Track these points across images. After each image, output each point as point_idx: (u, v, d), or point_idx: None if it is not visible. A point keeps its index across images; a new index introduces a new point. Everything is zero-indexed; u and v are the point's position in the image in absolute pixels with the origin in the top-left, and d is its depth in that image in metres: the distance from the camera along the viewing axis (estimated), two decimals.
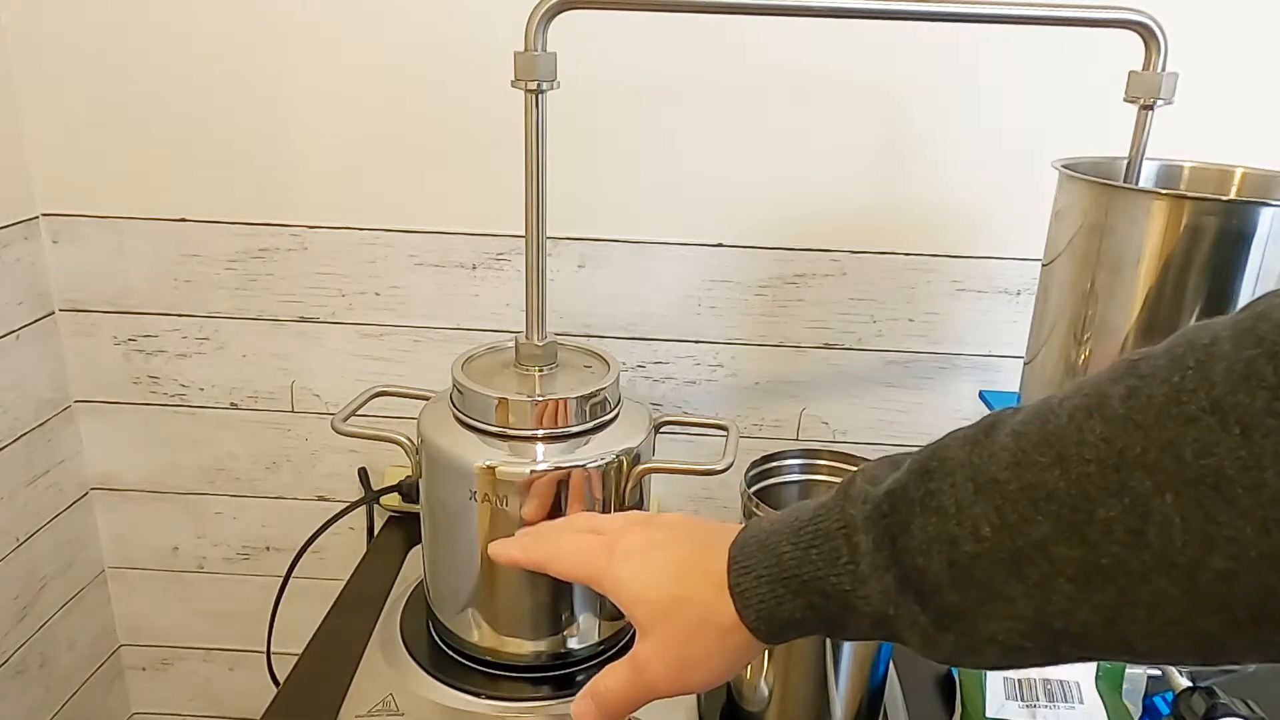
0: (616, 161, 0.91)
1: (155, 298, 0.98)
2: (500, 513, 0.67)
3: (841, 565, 0.36)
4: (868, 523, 0.35)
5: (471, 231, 0.94)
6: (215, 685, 1.17)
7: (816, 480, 0.72)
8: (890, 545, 0.34)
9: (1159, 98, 0.66)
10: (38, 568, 1.01)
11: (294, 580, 0.95)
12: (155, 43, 0.89)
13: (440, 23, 0.87)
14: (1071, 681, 0.70)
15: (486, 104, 0.88)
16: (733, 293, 0.95)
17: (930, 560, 0.33)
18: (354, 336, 0.99)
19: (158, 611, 1.13)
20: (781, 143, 0.89)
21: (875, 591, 0.35)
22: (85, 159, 0.93)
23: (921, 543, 0.33)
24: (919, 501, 0.33)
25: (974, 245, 0.92)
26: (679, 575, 0.41)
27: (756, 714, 0.69)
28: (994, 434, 0.33)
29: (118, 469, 1.06)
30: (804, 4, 0.68)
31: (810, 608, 0.37)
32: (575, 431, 0.69)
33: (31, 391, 0.97)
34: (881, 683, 0.69)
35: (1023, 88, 0.86)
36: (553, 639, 0.72)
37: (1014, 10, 0.64)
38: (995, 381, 0.96)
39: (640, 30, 0.86)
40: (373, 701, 0.69)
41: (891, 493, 0.35)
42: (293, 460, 1.05)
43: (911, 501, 0.34)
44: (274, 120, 0.91)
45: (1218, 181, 0.76)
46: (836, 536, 0.36)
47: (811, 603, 0.37)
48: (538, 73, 0.62)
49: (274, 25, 0.88)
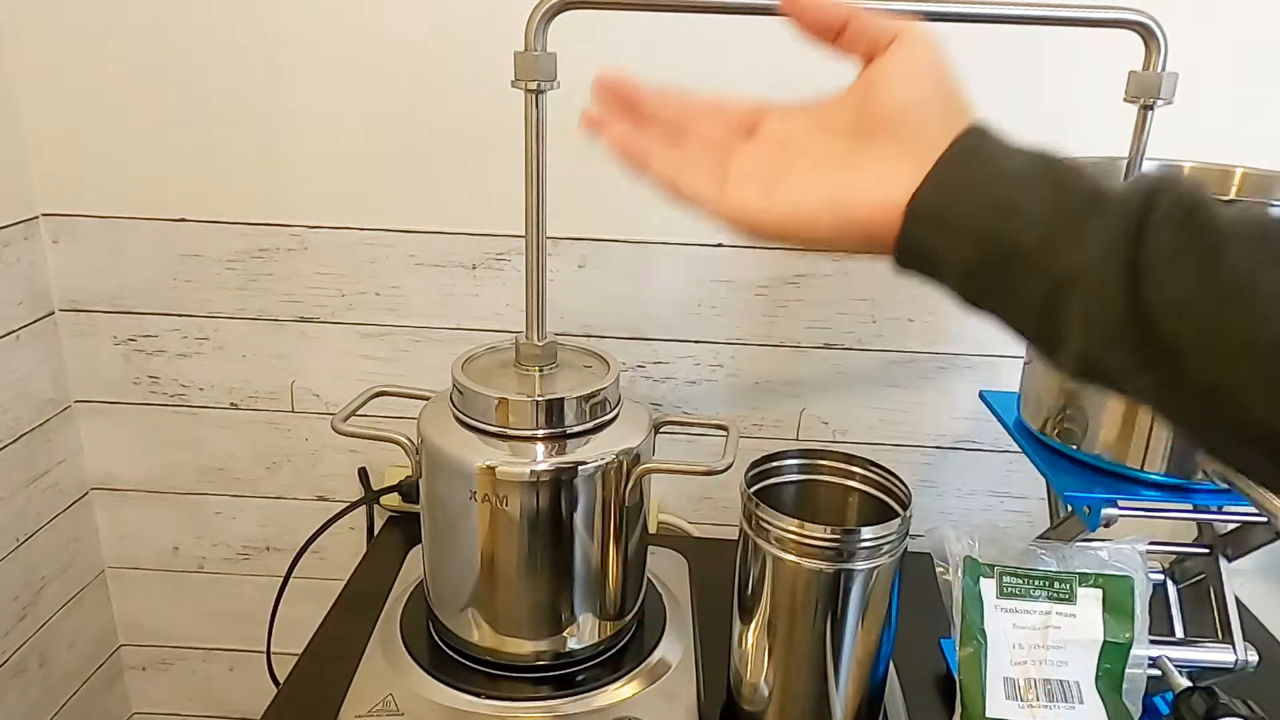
0: (616, 161, 0.91)
1: (155, 298, 0.98)
2: (500, 513, 0.67)
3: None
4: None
5: (471, 231, 0.94)
6: (215, 685, 1.17)
7: (817, 480, 0.72)
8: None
9: (1159, 98, 0.66)
10: (38, 568, 1.01)
11: (294, 580, 0.95)
12: (155, 43, 0.89)
13: (440, 23, 0.87)
14: (1071, 682, 0.70)
15: (486, 104, 0.88)
16: (733, 293, 0.95)
17: (1178, 201, 0.32)
18: (354, 336, 0.99)
19: (158, 611, 1.13)
20: None
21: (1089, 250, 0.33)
22: (85, 159, 0.93)
23: (1176, 191, 0.32)
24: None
25: None
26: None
27: (756, 714, 0.69)
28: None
29: (118, 469, 1.06)
30: None
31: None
32: (575, 431, 0.69)
33: (31, 391, 0.97)
34: (881, 682, 0.69)
35: (1023, 88, 0.86)
36: (553, 639, 0.72)
37: (1014, 10, 0.64)
38: (995, 381, 0.96)
39: (640, 30, 0.86)
40: (373, 701, 0.69)
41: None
42: (293, 460, 1.05)
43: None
44: (274, 120, 0.91)
45: (1218, 181, 0.76)
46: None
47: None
48: (538, 73, 0.62)
49: (274, 25, 0.88)
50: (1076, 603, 0.71)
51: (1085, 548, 0.73)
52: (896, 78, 0.39)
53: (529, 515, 0.68)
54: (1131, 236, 0.32)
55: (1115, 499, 0.65)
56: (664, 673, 0.74)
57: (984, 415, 0.84)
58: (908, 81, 0.38)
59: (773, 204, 0.38)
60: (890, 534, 0.62)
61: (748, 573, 0.66)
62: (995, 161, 0.36)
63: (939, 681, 0.78)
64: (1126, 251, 0.32)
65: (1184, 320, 0.31)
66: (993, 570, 0.73)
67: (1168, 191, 0.32)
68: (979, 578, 0.72)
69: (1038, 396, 0.73)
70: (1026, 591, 0.72)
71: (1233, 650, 0.72)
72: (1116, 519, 0.65)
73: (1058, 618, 0.71)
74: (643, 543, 0.76)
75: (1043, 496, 0.90)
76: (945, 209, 0.35)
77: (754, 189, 0.39)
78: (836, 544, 0.62)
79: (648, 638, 0.78)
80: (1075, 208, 0.33)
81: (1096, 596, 0.71)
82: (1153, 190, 0.33)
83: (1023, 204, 0.34)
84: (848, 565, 0.62)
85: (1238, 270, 0.30)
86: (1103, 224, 0.32)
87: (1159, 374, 0.32)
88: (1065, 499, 0.68)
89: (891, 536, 0.62)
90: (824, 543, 0.62)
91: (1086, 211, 0.33)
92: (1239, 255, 0.30)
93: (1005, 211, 0.34)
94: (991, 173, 0.35)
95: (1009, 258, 0.34)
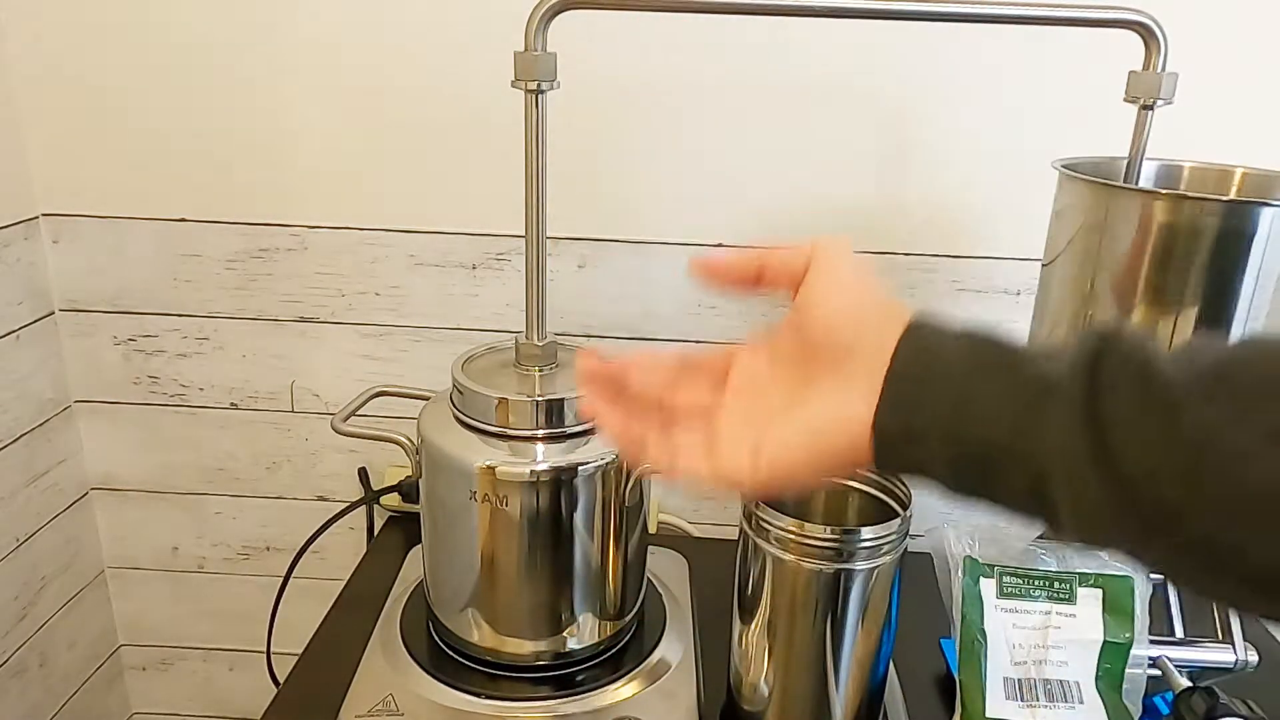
0: (616, 161, 0.91)
1: (155, 298, 0.98)
2: (500, 513, 0.67)
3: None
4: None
5: (471, 231, 0.94)
6: (215, 685, 1.17)
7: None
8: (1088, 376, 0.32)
9: (1159, 98, 0.66)
10: (38, 568, 1.01)
11: (294, 580, 0.95)
12: (156, 43, 0.89)
13: (440, 23, 0.87)
14: (1071, 682, 0.70)
15: (486, 104, 0.88)
16: None
17: (1124, 365, 0.32)
18: (354, 336, 0.99)
19: (158, 611, 1.13)
20: (781, 142, 0.89)
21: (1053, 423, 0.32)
22: (85, 159, 0.93)
23: (1121, 352, 0.32)
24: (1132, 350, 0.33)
25: (974, 245, 0.92)
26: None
27: (756, 714, 0.69)
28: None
29: (118, 469, 1.06)
30: (804, 4, 0.68)
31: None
32: (575, 431, 0.69)
33: (31, 391, 0.97)
34: (881, 683, 0.68)
35: (1023, 88, 0.86)
36: (553, 639, 0.72)
37: (1014, 10, 0.64)
38: None
39: (640, 30, 0.86)
40: (373, 701, 0.69)
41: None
42: (293, 460, 1.05)
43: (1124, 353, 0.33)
44: (274, 120, 0.91)
45: (1218, 181, 0.76)
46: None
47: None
48: (538, 73, 0.62)
49: (274, 25, 0.88)
50: (1076, 603, 0.72)
51: (1085, 548, 0.74)
52: (820, 300, 0.39)
53: (529, 515, 0.68)
54: (1089, 417, 0.32)
55: None
56: (664, 673, 0.74)
57: None
58: (831, 301, 0.39)
59: (759, 466, 0.38)
60: (890, 534, 0.62)
61: (748, 573, 0.66)
62: (941, 362, 0.36)
63: (939, 681, 0.78)
64: (1088, 435, 0.32)
65: (1164, 486, 0.30)
66: (993, 570, 0.73)
67: (1112, 355, 0.32)
68: (979, 578, 0.72)
69: None
70: (1026, 591, 0.72)
71: (1233, 650, 0.72)
72: None
73: (1058, 618, 0.71)
74: (643, 543, 0.76)
75: None
76: (909, 425, 0.36)
77: (741, 453, 0.39)
78: (836, 544, 0.62)
79: (648, 638, 0.78)
80: (1029, 398, 0.33)
81: (1096, 596, 0.71)
82: (1096, 356, 0.33)
83: (980, 401, 0.34)
84: (848, 565, 0.62)
85: (1198, 430, 0.30)
86: (1057, 410, 0.33)
87: (1165, 539, 0.31)
88: None
89: (891, 536, 0.62)
90: (824, 543, 0.62)
91: (1040, 399, 0.33)
92: (1195, 414, 0.30)
93: (966, 414, 0.34)
94: (941, 375, 0.35)
95: (984, 455, 0.34)
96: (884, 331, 0.37)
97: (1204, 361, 0.31)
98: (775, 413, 0.39)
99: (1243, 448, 0.29)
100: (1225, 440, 0.29)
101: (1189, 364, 0.31)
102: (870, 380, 0.36)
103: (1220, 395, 0.30)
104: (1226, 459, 0.29)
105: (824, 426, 0.37)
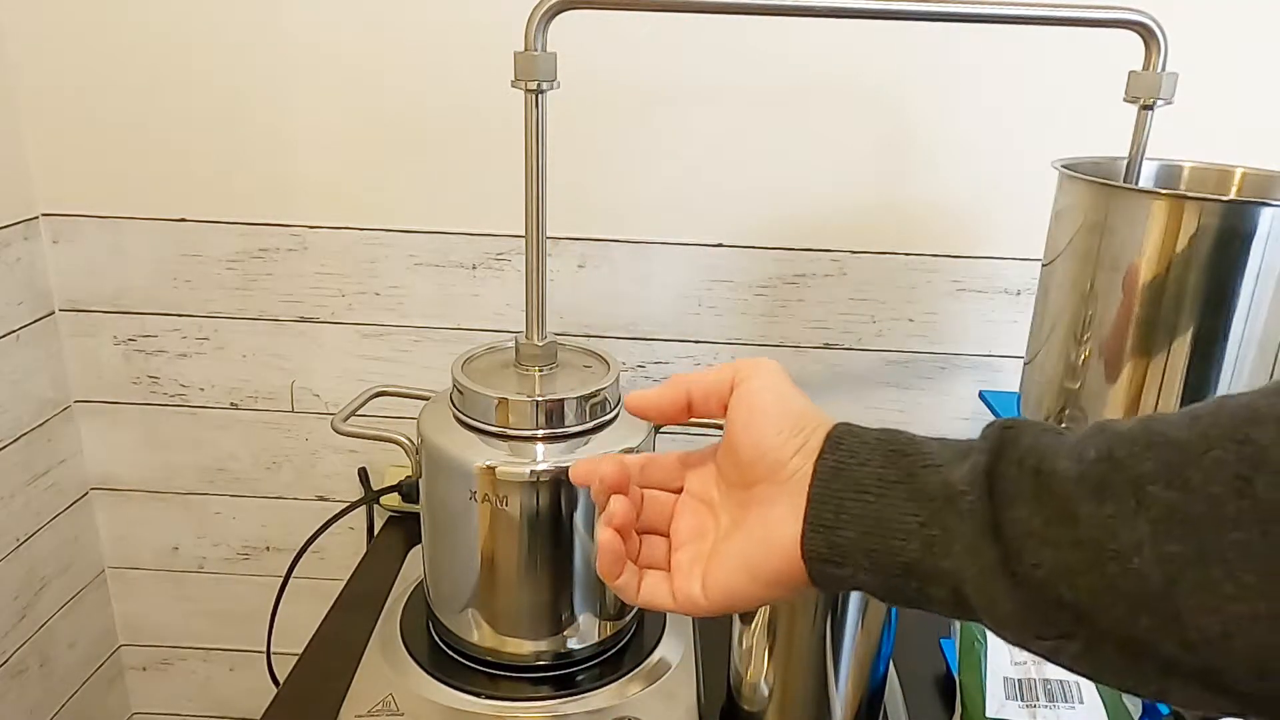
0: (616, 161, 0.91)
1: (155, 298, 0.98)
2: (500, 513, 0.67)
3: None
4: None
5: (471, 231, 0.94)
6: (215, 685, 1.17)
7: None
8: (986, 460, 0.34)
9: (1159, 98, 0.66)
10: (38, 568, 1.01)
11: (294, 580, 0.95)
12: (155, 43, 0.89)
13: (440, 23, 0.87)
14: (1071, 681, 0.70)
15: (486, 104, 0.88)
16: (733, 293, 0.95)
17: (1020, 469, 0.32)
18: (354, 336, 0.99)
19: (158, 611, 1.13)
20: (782, 142, 0.89)
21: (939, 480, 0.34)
22: (85, 159, 0.93)
23: (1016, 454, 0.33)
24: (1030, 430, 0.34)
25: (974, 245, 0.92)
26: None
27: (756, 714, 0.69)
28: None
29: (118, 469, 1.06)
30: (804, 4, 0.68)
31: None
32: (575, 431, 0.69)
33: (31, 391, 0.97)
34: (881, 683, 0.68)
35: (1023, 88, 0.86)
36: (553, 639, 0.72)
37: (1014, 10, 0.64)
38: (995, 381, 0.96)
39: (640, 30, 0.86)
40: (373, 701, 0.69)
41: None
42: (293, 460, 1.05)
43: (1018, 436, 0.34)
44: (274, 120, 0.91)
45: (1218, 181, 0.76)
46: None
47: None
48: (538, 73, 0.62)
49: (274, 25, 0.88)
50: None
51: None
52: (743, 428, 0.41)
53: (529, 515, 0.68)
54: (991, 529, 0.33)
55: None
56: (664, 673, 0.74)
57: (984, 415, 0.84)
58: (755, 424, 0.40)
59: (709, 594, 0.41)
60: None
61: None
62: (855, 481, 0.37)
63: (939, 681, 0.78)
64: (992, 548, 0.33)
65: (1069, 587, 0.31)
66: None
67: (1008, 457, 0.33)
68: None
69: (1038, 397, 0.73)
70: None
71: None
72: None
73: None
74: None
75: None
76: (833, 546, 0.37)
77: (693, 583, 0.41)
78: None
79: (648, 638, 0.78)
80: (934, 511, 0.34)
81: None
82: (995, 457, 0.33)
83: (890, 519, 0.35)
84: None
85: (1093, 529, 0.30)
86: (961, 526, 0.33)
87: (1080, 639, 0.32)
88: None
89: None
90: None
91: (944, 510, 0.34)
92: (1090, 514, 0.30)
93: (881, 534, 0.35)
94: (856, 494, 0.36)
95: (905, 573, 0.35)
96: (805, 448, 0.38)
97: (1095, 453, 0.31)
98: (719, 543, 0.42)
99: (1136, 541, 0.29)
100: (1121, 537, 0.30)
101: (1080, 457, 0.32)
102: (795, 501, 0.38)
103: (1113, 489, 0.30)
104: (1123, 555, 0.30)
105: (758, 553, 0.39)
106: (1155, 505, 0.29)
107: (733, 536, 0.41)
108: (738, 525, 0.41)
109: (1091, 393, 0.68)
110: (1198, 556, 0.28)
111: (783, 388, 0.41)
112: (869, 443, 0.38)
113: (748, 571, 0.40)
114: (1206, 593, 0.28)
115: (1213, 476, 0.28)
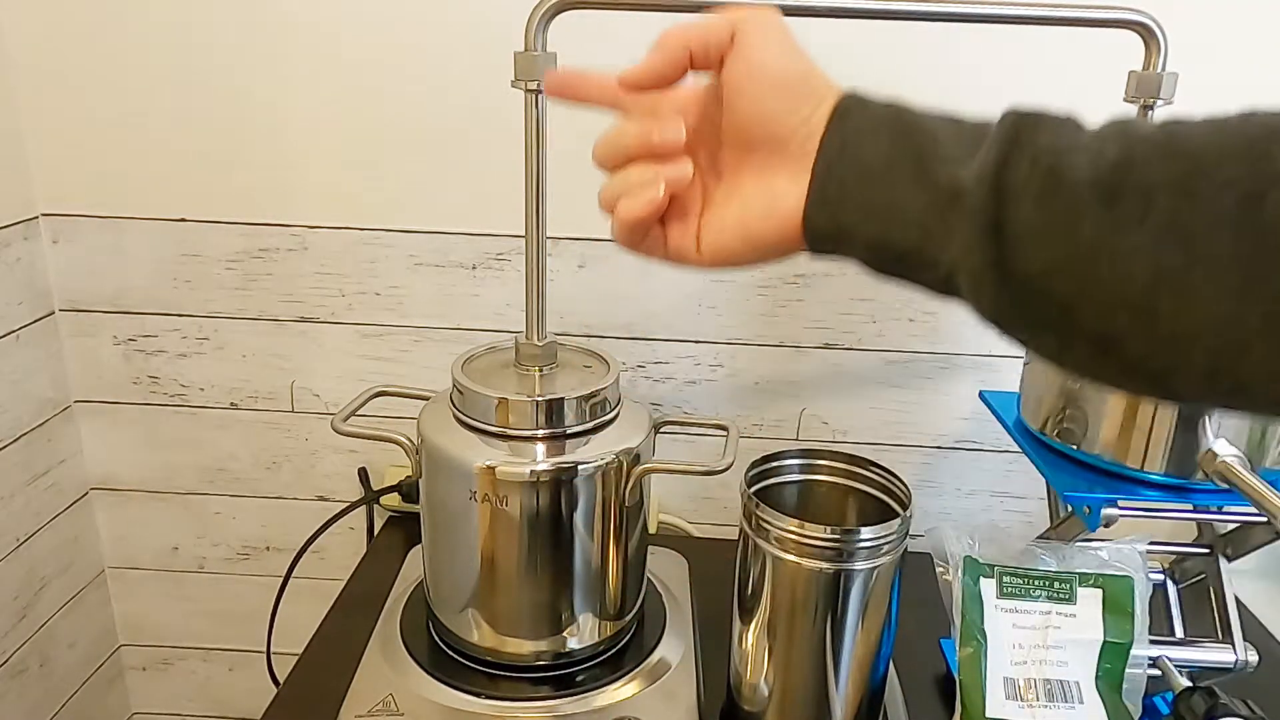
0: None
1: (155, 297, 0.98)
2: (500, 513, 0.67)
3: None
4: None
5: (471, 231, 0.94)
6: (215, 685, 1.17)
7: (816, 480, 0.72)
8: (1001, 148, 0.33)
9: (1159, 98, 0.66)
10: (38, 568, 1.01)
11: (294, 580, 0.95)
12: (155, 43, 0.89)
13: (440, 22, 0.87)
14: (1071, 682, 0.70)
15: (486, 104, 0.88)
16: (733, 293, 0.95)
17: (1033, 168, 0.32)
18: (354, 336, 0.99)
19: (158, 611, 1.13)
20: None
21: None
22: (85, 159, 0.93)
23: (1032, 151, 0.33)
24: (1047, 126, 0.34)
25: None
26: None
27: (756, 714, 0.69)
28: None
29: (118, 469, 1.06)
30: (804, 4, 0.68)
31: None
32: (575, 431, 0.69)
33: (31, 391, 0.97)
34: (881, 683, 0.69)
35: (1023, 88, 0.86)
36: (553, 639, 0.72)
37: (1014, 10, 0.64)
38: (995, 381, 0.96)
39: (641, 30, 0.86)
40: (373, 701, 0.69)
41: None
42: (293, 460, 1.05)
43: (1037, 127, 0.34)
44: (274, 120, 0.91)
45: None
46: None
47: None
48: (538, 73, 0.62)
49: (274, 25, 0.88)
50: (1076, 603, 0.72)
51: (1085, 548, 0.74)
52: (744, 88, 0.39)
53: (529, 515, 0.68)
54: (993, 227, 0.33)
55: (1115, 499, 0.65)
56: (664, 673, 0.74)
57: (984, 415, 0.84)
58: (756, 88, 0.38)
59: (702, 252, 0.42)
60: (890, 534, 0.62)
61: (748, 573, 0.66)
62: (862, 158, 0.37)
63: (939, 681, 0.78)
64: (990, 244, 0.33)
65: (1058, 282, 0.32)
66: (993, 570, 0.73)
67: (1022, 156, 0.33)
68: (979, 578, 0.72)
69: (1038, 396, 0.73)
70: (1026, 591, 0.72)
71: (1233, 650, 0.72)
72: (1116, 519, 0.65)
73: (1058, 618, 0.71)
74: (643, 543, 0.76)
75: (1043, 496, 0.90)
76: (834, 222, 0.37)
77: (688, 239, 0.42)
78: (836, 544, 0.62)
79: (648, 638, 0.78)
80: (938, 202, 0.35)
81: (1096, 596, 0.71)
82: (1006, 157, 0.33)
83: (895, 205, 0.36)
84: (848, 565, 0.62)
85: (1097, 231, 0.31)
86: (963, 220, 0.34)
87: (1056, 332, 0.33)
88: (1065, 499, 0.68)
89: (891, 536, 0.62)
90: (824, 543, 0.62)
91: (949, 204, 0.34)
92: (1095, 217, 0.31)
93: (882, 218, 0.36)
94: (861, 173, 0.37)
95: (900, 257, 0.36)
96: (811, 120, 0.38)
97: (1113, 155, 0.31)
98: (716, 209, 0.41)
99: (1135, 245, 0.30)
100: (1121, 241, 0.30)
101: (1097, 159, 0.32)
102: (798, 171, 0.38)
103: (1124, 195, 0.31)
104: (1118, 257, 0.31)
105: (758, 226, 0.40)
106: (1160, 212, 0.30)
107: (730, 203, 0.40)
108: (736, 182, 0.40)
109: (1092, 393, 0.68)
110: (1189, 261, 0.29)
111: (785, 43, 0.39)
112: (880, 116, 0.38)
113: (745, 239, 0.40)
114: (1190, 293, 0.29)
115: (1223, 190, 0.29)
